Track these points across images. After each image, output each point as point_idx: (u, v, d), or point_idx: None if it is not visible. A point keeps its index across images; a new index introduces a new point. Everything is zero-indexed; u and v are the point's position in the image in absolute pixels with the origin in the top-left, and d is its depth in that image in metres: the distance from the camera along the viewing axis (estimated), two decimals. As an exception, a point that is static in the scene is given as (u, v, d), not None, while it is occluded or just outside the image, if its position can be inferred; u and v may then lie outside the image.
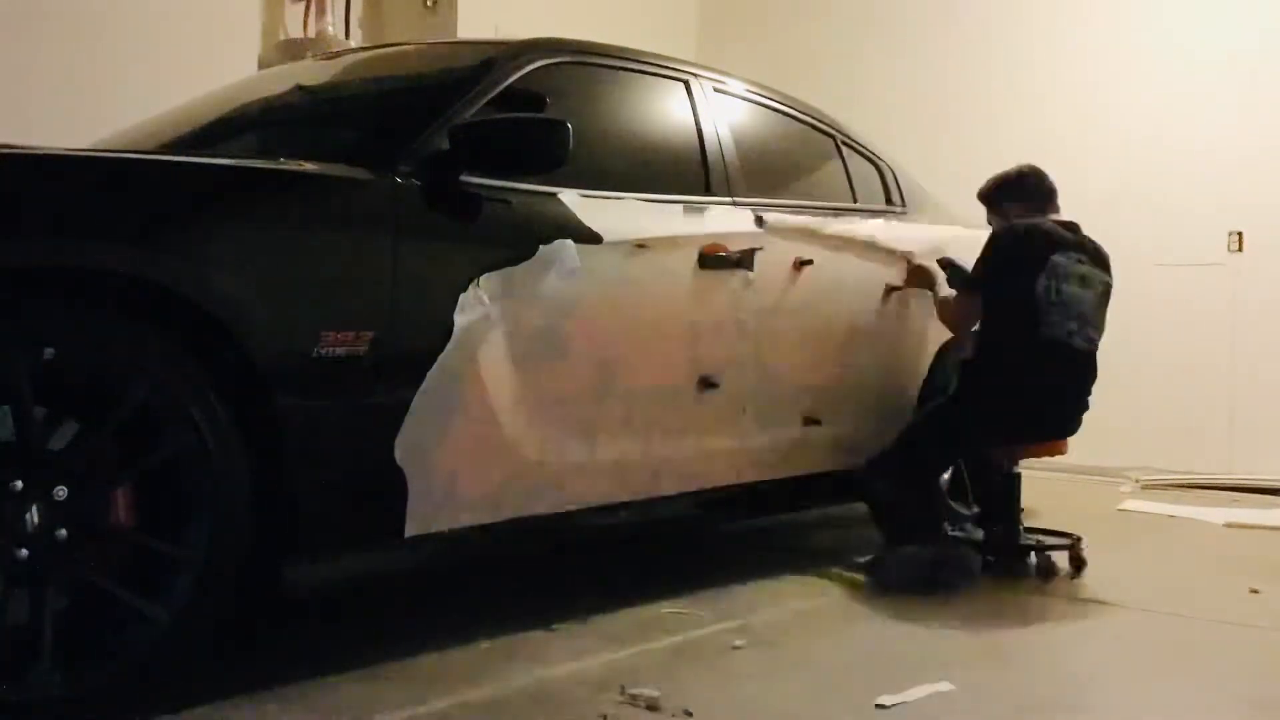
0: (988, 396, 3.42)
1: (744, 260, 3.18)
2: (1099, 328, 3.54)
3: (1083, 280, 3.46)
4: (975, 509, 3.83)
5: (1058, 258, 3.41)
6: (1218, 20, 5.87)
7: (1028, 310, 3.37)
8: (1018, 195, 3.69)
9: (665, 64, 3.36)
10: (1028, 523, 3.71)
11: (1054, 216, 3.60)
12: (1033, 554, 3.49)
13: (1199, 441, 5.69)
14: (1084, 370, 3.49)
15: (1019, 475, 3.57)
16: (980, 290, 3.53)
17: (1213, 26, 5.88)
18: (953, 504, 3.90)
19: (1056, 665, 2.60)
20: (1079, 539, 3.55)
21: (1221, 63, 5.82)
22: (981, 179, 6.03)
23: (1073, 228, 3.57)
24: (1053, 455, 3.63)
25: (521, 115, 2.60)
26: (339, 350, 2.21)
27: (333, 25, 5.36)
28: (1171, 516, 4.63)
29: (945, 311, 3.72)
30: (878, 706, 2.24)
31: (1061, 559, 3.50)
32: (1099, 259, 3.56)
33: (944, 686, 2.36)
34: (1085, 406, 3.54)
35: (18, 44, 4.19)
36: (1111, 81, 6.12)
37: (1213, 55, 5.85)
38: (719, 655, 2.58)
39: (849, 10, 6.98)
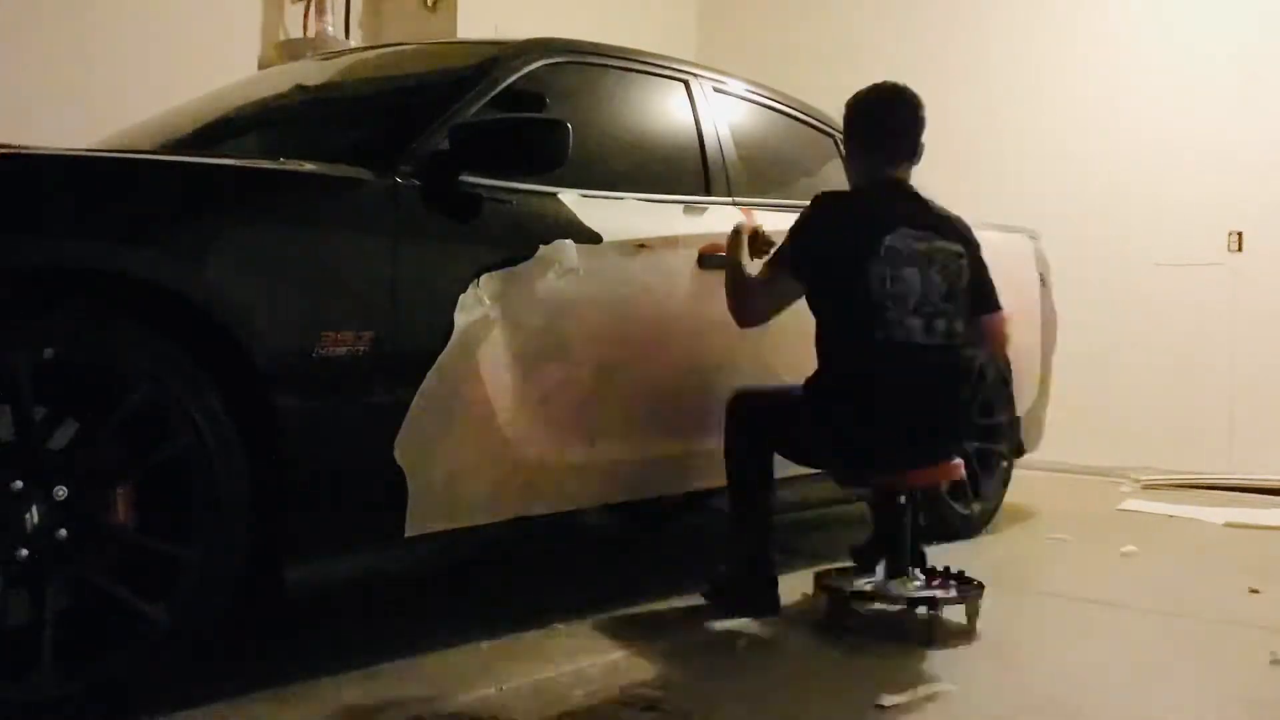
0: (832, 423, 2.78)
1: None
2: (955, 314, 2.83)
3: (927, 260, 2.78)
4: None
5: (891, 239, 2.73)
6: (1218, 19, 5.87)
7: (859, 308, 2.73)
8: (854, 133, 2.97)
9: (665, 64, 3.36)
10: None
11: (897, 173, 2.90)
12: (921, 607, 2.76)
13: (1199, 441, 5.69)
14: (939, 376, 2.82)
15: (906, 506, 2.83)
16: (784, 271, 2.84)
17: (1213, 25, 5.88)
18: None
19: (1056, 665, 2.60)
20: (979, 587, 2.84)
21: (1222, 62, 5.82)
22: (981, 178, 6.10)
23: (907, 192, 2.90)
24: (932, 483, 3.02)
25: (521, 115, 2.60)
26: (339, 350, 2.21)
27: (333, 25, 5.36)
28: (1171, 516, 4.63)
29: (735, 291, 2.92)
30: (878, 707, 2.24)
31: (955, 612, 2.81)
32: (946, 229, 2.87)
33: (944, 686, 2.36)
34: (958, 420, 3.03)
35: (18, 44, 4.19)
36: (1112, 81, 6.12)
37: (1213, 54, 5.85)
38: (719, 655, 2.58)
39: (848, 10, 6.99)
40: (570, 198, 2.75)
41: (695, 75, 3.43)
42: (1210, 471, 5.51)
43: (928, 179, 4.44)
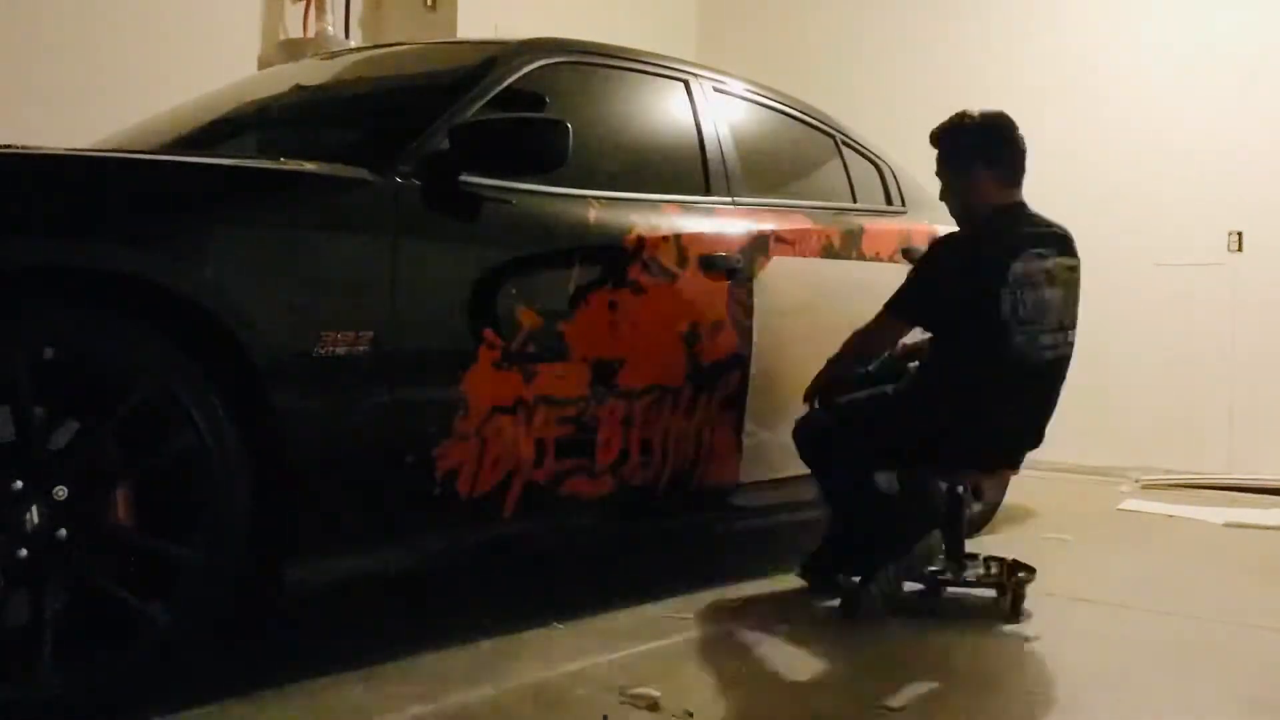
0: (943, 422, 2.93)
1: (743, 260, 3.18)
2: (1073, 323, 3.04)
3: (1049, 278, 2.94)
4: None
5: (1017, 265, 2.87)
6: (1218, 19, 5.86)
7: (992, 333, 2.86)
8: (991, 158, 3.01)
9: (665, 64, 3.36)
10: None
11: (1018, 196, 3.05)
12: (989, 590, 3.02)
13: (1199, 441, 5.69)
14: (1053, 383, 3.03)
15: (962, 495, 3.10)
16: (911, 319, 3.01)
17: (1213, 26, 5.88)
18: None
19: (1056, 665, 2.60)
20: (1030, 573, 3.06)
21: (1222, 62, 5.82)
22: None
23: (1023, 212, 3.03)
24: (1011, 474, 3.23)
25: (521, 115, 2.60)
26: (339, 350, 2.21)
27: (333, 25, 5.36)
28: (1171, 516, 4.63)
29: (859, 339, 3.05)
30: (884, 708, 2.24)
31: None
32: (1059, 243, 3.02)
33: (943, 687, 2.37)
34: (1047, 420, 3.10)
35: (18, 44, 4.19)
36: (1111, 81, 6.12)
37: (1213, 55, 5.84)
38: (719, 655, 2.58)
39: (849, 10, 6.98)
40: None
41: (695, 75, 3.43)
42: (1210, 471, 5.51)
43: (929, 179, 4.45)
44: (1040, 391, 3.02)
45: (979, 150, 3.01)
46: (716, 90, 3.47)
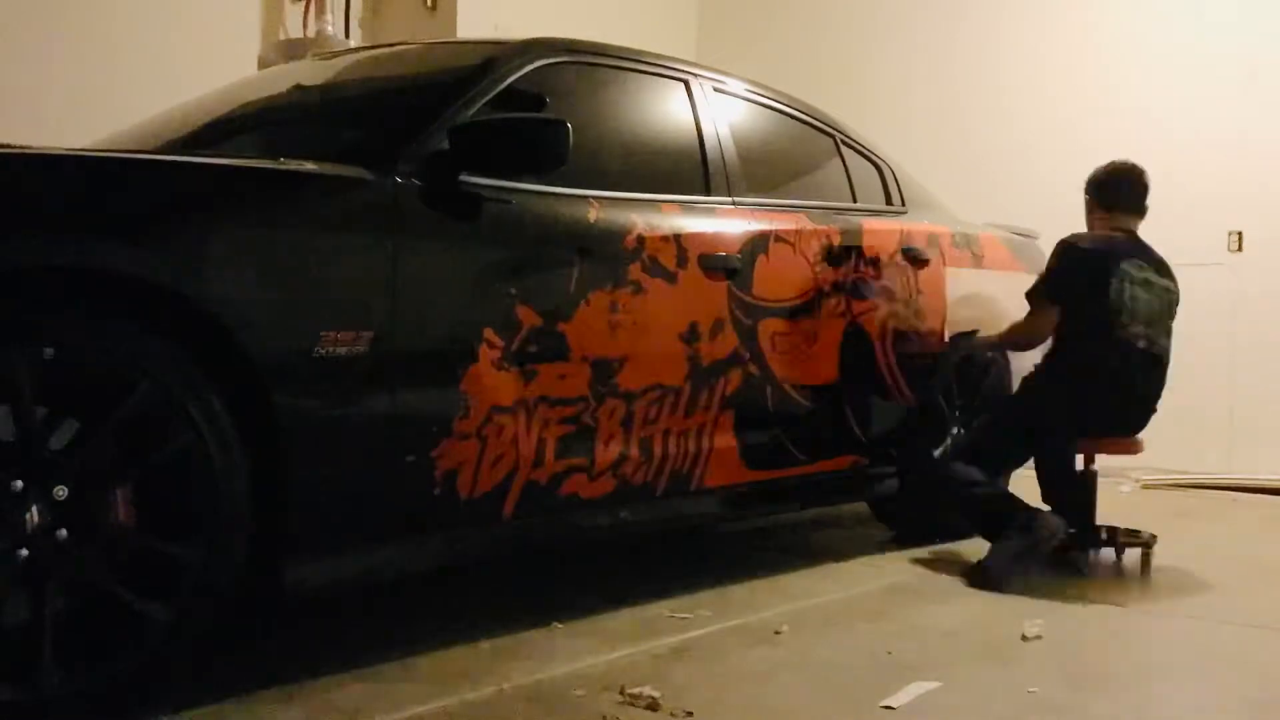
0: (1065, 393, 3.65)
1: (743, 260, 3.18)
2: (1166, 334, 3.77)
3: (1147, 285, 3.68)
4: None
5: (1126, 264, 3.64)
6: (1218, 20, 5.87)
7: (1104, 314, 3.60)
8: (1111, 200, 3.86)
9: (665, 64, 3.36)
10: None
11: (1127, 227, 3.79)
12: (1112, 548, 3.70)
13: (1199, 441, 5.68)
14: (1152, 371, 3.71)
15: (1095, 473, 3.77)
16: (1056, 301, 3.71)
17: (1213, 26, 5.88)
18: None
19: (1056, 665, 2.60)
20: (1153, 537, 3.69)
21: (1222, 62, 5.82)
22: (980, 179, 6.09)
23: (1136, 238, 3.78)
24: (1129, 453, 3.80)
25: (521, 115, 2.60)
26: (339, 350, 2.21)
27: (333, 25, 5.36)
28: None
29: (1021, 329, 3.83)
30: (884, 708, 2.24)
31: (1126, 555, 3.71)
32: (1162, 268, 3.77)
33: (943, 687, 2.37)
34: (1154, 408, 3.75)
35: (18, 44, 4.19)
36: (1112, 81, 6.12)
37: (1213, 55, 5.85)
38: (719, 655, 2.58)
39: (850, 10, 6.99)
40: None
41: (695, 75, 3.43)
42: (1210, 471, 5.50)
43: (932, 179, 4.46)
44: (1141, 375, 3.67)
45: (1095, 193, 3.88)
46: (716, 90, 3.47)
